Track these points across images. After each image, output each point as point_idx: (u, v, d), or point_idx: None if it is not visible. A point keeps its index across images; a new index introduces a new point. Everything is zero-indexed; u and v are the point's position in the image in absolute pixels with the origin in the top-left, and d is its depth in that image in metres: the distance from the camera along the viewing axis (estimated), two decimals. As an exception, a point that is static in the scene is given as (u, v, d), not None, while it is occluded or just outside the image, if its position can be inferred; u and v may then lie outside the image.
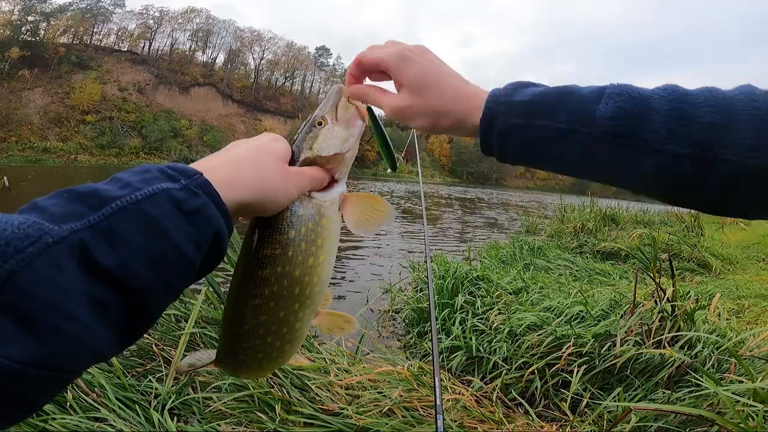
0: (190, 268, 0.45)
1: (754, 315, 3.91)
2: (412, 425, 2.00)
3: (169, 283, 0.43)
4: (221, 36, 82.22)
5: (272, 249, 0.61)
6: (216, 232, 0.47)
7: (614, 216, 10.27)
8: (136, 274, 0.39)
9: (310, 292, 0.64)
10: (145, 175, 0.45)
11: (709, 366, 2.34)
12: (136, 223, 0.40)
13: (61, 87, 60.03)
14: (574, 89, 0.59)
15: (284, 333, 0.65)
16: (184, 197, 0.45)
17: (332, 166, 0.67)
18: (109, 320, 0.38)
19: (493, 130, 0.62)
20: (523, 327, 3.04)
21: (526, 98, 0.60)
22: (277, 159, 0.61)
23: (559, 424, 2.22)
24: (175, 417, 1.98)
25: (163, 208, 0.42)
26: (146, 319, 0.42)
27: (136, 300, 0.40)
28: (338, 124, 0.69)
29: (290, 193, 0.61)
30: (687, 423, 1.86)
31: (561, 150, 0.58)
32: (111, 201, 0.40)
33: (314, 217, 0.63)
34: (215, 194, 0.48)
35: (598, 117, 0.54)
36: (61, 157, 49.23)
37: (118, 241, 0.38)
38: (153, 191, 0.43)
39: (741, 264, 7.29)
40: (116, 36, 72.60)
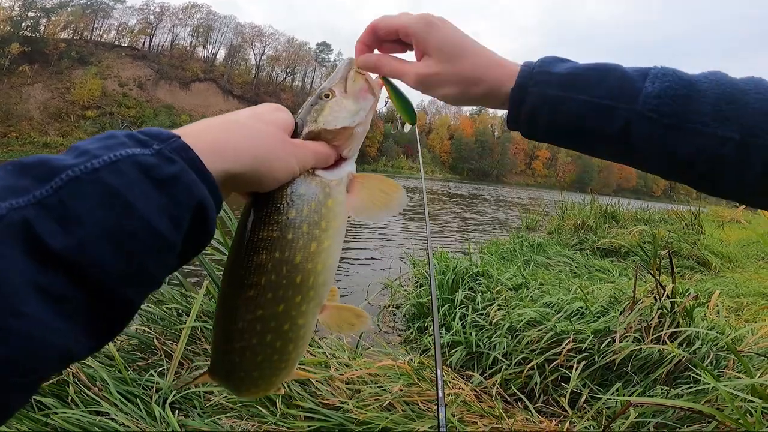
0: (168, 248, 0.38)
1: (752, 313, 3.93)
2: (413, 419, 2.01)
3: (141, 267, 0.36)
4: (222, 31, 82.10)
5: (269, 231, 0.53)
6: (198, 204, 0.40)
7: (614, 213, 10.26)
8: (96, 258, 0.32)
9: (313, 282, 0.56)
10: (108, 141, 0.38)
11: (707, 362, 2.35)
12: (93, 195, 0.33)
13: (62, 82, 59.96)
14: (616, 66, 0.57)
15: (285, 330, 0.56)
16: (154, 163, 0.37)
17: (339, 142, 0.60)
18: (68, 313, 0.32)
19: (526, 100, 0.59)
20: (522, 323, 3.05)
21: (564, 70, 0.58)
22: (276, 127, 0.53)
23: (558, 419, 2.23)
24: (176, 411, 1.99)
25: (128, 177, 0.35)
26: (120, 310, 0.36)
27: (100, 288, 0.33)
28: (347, 97, 0.63)
29: (290, 165, 0.53)
30: (685, 419, 1.87)
31: (597, 126, 0.56)
32: (62, 171, 0.33)
33: (318, 197, 0.56)
34: (196, 159, 0.41)
35: (644, 94, 0.53)
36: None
37: (70, 219, 0.32)
38: (115, 158, 0.35)
39: (740, 262, 7.30)
40: (117, 31, 72.50)
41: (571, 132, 0.59)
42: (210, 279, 2.86)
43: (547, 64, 0.59)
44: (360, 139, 0.63)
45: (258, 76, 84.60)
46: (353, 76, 0.65)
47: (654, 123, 0.53)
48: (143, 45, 74.36)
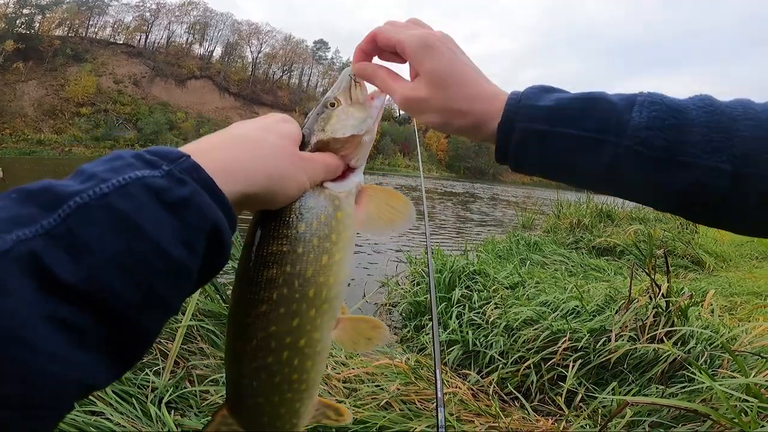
0: (184, 274, 0.36)
1: (746, 312, 3.96)
2: (410, 418, 2.02)
3: (157, 295, 0.35)
4: (219, 29, 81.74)
5: (279, 245, 0.51)
6: (213, 227, 0.38)
7: (610, 212, 10.31)
8: (109, 288, 0.31)
9: (326, 294, 0.54)
10: (114, 162, 0.36)
11: (702, 361, 2.36)
12: (103, 222, 0.32)
13: (56, 79, 59.57)
14: (601, 96, 0.55)
15: (302, 346, 0.54)
16: (165, 186, 0.36)
17: (348, 151, 0.59)
18: (84, 343, 0.31)
19: (512, 136, 0.57)
20: (519, 321, 3.06)
21: (550, 103, 0.56)
22: (286, 141, 0.52)
23: (554, 418, 2.24)
24: (172, 410, 1.98)
25: (138, 201, 0.34)
26: (137, 337, 0.35)
27: (114, 316, 0.32)
28: (353, 105, 0.62)
29: (301, 182, 0.52)
30: (679, 418, 1.88)
31: (586, 160, 0.54)
32: (69, 198, 0.32)
33: (327, 210, 0.55)
34: (208, 180, 0.39)
35: (632, 126, 0.51)
36: (55, 149, 48.92)
37: (80, 248, 0.31)
38: (123, 181, 0.34)
39: (734, 262, 7.36)
40: (112, 28, 72.03)
41: (560, 166, 0.57)
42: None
43: (533, 97, 0.57)
44: (368, 148, 0.62)
45: (254, 74, 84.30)
46: (360, 84, 0.64)
47: (643, 157, 0.51)
48: (139, 42, 73.92)
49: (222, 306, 2.82)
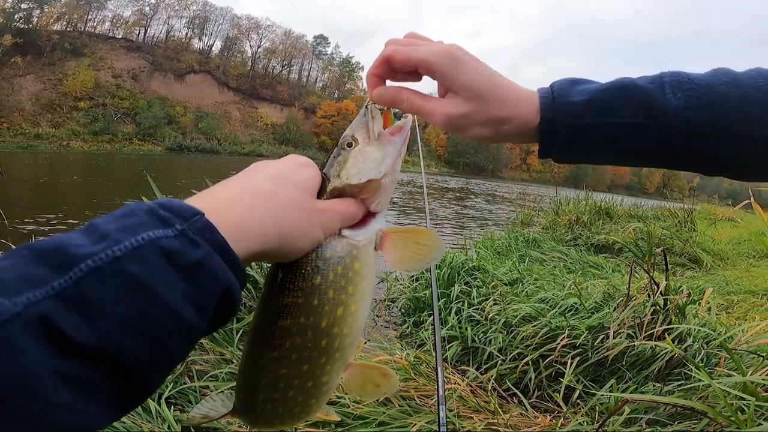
0: (193, 333, 0.37)
1: (743, 311, 3.98)
2: (409, 414, 2.03)
3: (167, 353, 0.36)
4: (218, 23, 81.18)
5: (294, 297, 0.51)
6: (224, 290, 0.39)
7: (608, 210, 10.34)
8: (120, 348, 0.32)
9: (339, 344, 0.54)
10: (128, 219, 0.36)
11: (699, 359, 2.38)
12: (116, 287, 0.32)
13: (54, 74, 59.17)
14: (631, 82, 0.58)
15: (308, 387, 0.56)
16: (178, 248, 0.36)
17: (366, 195, 0.56)
18: (94, 397, 0.32)
19: (556, 132, 0.59)
20: (518, 318, 3.08)
21: (586, 96, 0.58)
22: (302, 192, 0.50)
23: (552, 415, 2.26)
24: (171, 406, 1.99)
25: (151, 265, 0.34)
26: (146, 390, 0.36)
27: (126, 374, 0.33)
28: (371, 144, 0.58)
29: (315, 235, 0.51)
30: (676, 415, 1.90)
31: (633, 144, 0.58)
32: (81, 260, 0.32)
33: (344, 261, 0.53)
34: (221, 242, 0.39)
35: (672, 108, 0.55)
36: (53, 143, 48.70)
37: (93, 312, 0.31)
38: (137, 243, 0.34)
39: (731, 260, 7.38)
40: (111, 23, 71.42)
41: (607, 153, 0.60)
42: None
43: (566, 92, 0.59)
44: (389, 191, 0.59)
45: (254, 69, 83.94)
46: (371, 116, 0.60)
47: (690, 134, 0.55)
48: (138, 36, 73.48)
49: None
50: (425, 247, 0.56)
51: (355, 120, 0.61)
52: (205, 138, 63.71)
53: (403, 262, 0.57)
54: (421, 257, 0.56)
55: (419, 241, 0.57)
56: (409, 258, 0.56)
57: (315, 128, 79.48)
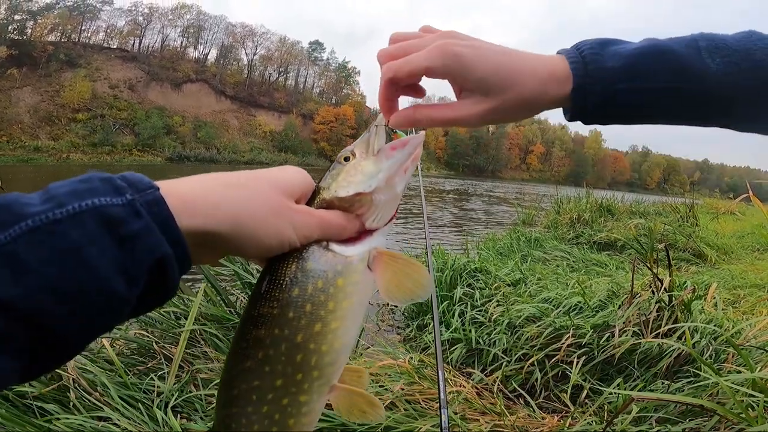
0: (121, 306, 0.37)
1: (749, 305, 3.95)
2: (414, 418, 2.02)
3: (89, 321, 0.36)
4: (213, 32, 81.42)
5: (269, 307, 0.50)
6: (157, 261, 0.38)
7: (610, 207, 10.34)
8: (43, 309, 0.33)
9: (317, 362, 0.52)
10: (80, 185, 0.37)
11: (707, 356, 2.36)
12: (49, 248, 0.33)
13: (51, 85, 59.31)
14: (668, 47, 0.58)
15: (285, 405, 0.53)
16: (121, 217, 0.36)
17: (359, 210, 0.54)
18: (6, 351, 0.32)
19: (588, 99, 0.58)
20: (521, 318, 3.07)
21: (621, 62, 0.58)
22: (276, 189, 0.49)
23: (560, 415, 2.24)
24: (178, 414, 1.99)
25: (88, 231, 0.35)
26: (58, 354, 0.36)
27: (44, 335, 0.34)
28: (368, 158, 0.56)
29: (282, 232, 0.48)
30: (686, 413, 1.88)
31: (668, 107, 0.59)
32: (23, 219, 0.33)
33: (326, 275, 0.51)
34: (165, 216, 0.39)
35: (712, 73, 0.56)
36: (53, 155, 48.83)
37: (22, 270, 0.32)
38: (79, 208, 0.35)
39: (736, 254, 7.36)
40: (105, 33, 71.56)
41: (640, 116, 0.61)
42: (207, 282, 2.85)
43: (597, 57, 0.58)
44: (386, 208, 0.55)
45: (250, 76, 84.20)
46: (375, 131, 0.57)
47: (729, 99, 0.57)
48: (133, 46, 73.71)
49: (224, 310, 2.82)
50: (415, 282, 0.53)
51: (360, 137, 0.59)
52: (204, 147, 63.80)
53: (388, 290, 0.54)
54: (406, 291, 0.53)
55: (410, 274, 0.54)
56: (394, 287, 0.54)
57: (314, 134, 79.64)
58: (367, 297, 0.55)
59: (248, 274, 3.22)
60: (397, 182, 0.56)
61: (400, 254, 0.55)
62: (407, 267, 0.54)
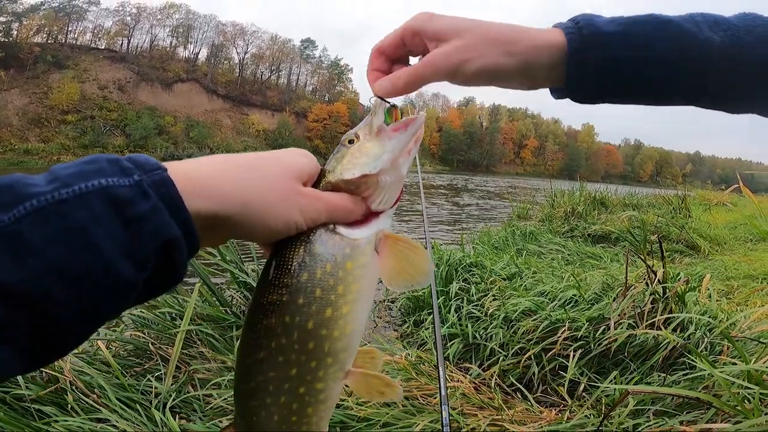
0: (128, 290, 0.36)
1: (743, 296, 3.98)
2: (413, 414, 2.02)
3: (94, 306, 0.35)
4: (203, 31, 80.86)
5: (278, 294, 0.49)
6: (165, 244, 0.37)
7: (603, 200, 10.39)
8: (46, 293, 0.31)
9: (330, 348, 0.51)
10: (86, 166, 0.36)
11: (702, 348, 2.37)
12: (54, 228, 0.32)
13: (39, 87, 58.67)
14: (665, 17, 0.57)
15: (301, 393, 0.53)
16: (129, 198, 0.35)
17: (366, 193, 0.53)
18: (11, 340, 0.31)
19: (585, 64, 0.55)
20: (518, 312, 3.07)
21: (618, 27, 0.56)
22: (285, 172, 0.48)
23: (558, 408, 2.25)
24: (176, 415, 1.98)
25: (95, 212, 0.33)
26: (63, 342, 0.35)
27: (45, 321, 0.32)
28: (371, 139, 0.55)
29: (289, 216, 0.47)
30: (683, 405, 1.89)
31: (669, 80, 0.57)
32: (27, 199, 0.32)
33: (335, 258, 0.50)
34: (173, 197, 0.38)
35: (715, 47, 0.55)
36: (43, 158, 48.38)
37: (25, 251, 0.31)
38: (86, 189, 0.34)
39: (729, 245, 7.41)
40: (92, 34, 70.88)
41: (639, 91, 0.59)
42: (202, 282, 2.83)
43: (592, 22, 0.57)
44: (391, 190, 0.55)
45: (242, 75, 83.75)
46: (377, 112, 0.57)
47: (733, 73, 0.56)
48: (121, 47, 73.00)
49: (220, 310, 2.81)
50: (416, 268, 0.53)
51: (363, 120, 0.59)
52: (197, 147, 63.40)
53: (389, 274, 0.53)
54: (408, 276, 0.53)
55: (413, 259, 0.53)
56: (396, 272, 0.53)
57: (307, 132, 79.57)
58: (376, 280, 0.54)
59: (244, 274, 3.22)
60: (402, 163, 0.56)
61: (404, 237, 0.55)
62: (410, 251, 0.53)
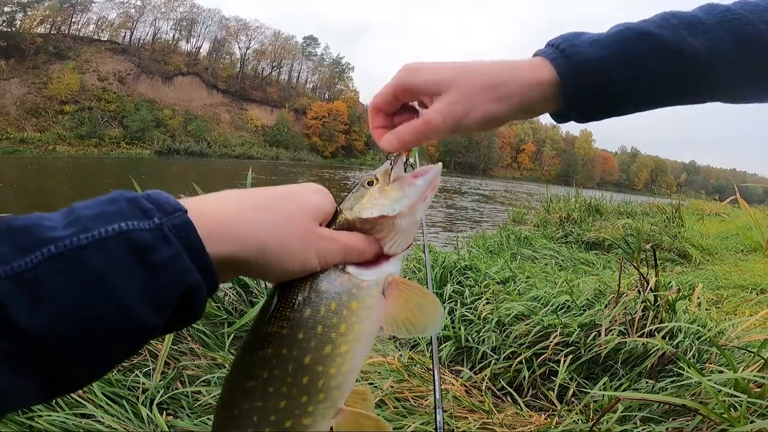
0: (146, 334, 0.36)
1: (732, 305, 4.02)
2: (404, 416, 2.02)
3: (110, 350, 0.35)
4: (206, 25, 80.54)
5: (279, 326, 0.49)
6: (187, 290, 0.37)
7: (598, 207, 10.44)
8: (63, 338, 0.31)
9: (324, 385, 0.50)
10: (107, 206, 0.36)
11: (690, 356, 2.39)
12: (72, 276, 0.32)
13: (38, 77, 58.28)
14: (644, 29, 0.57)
15: (287, 427, 0.51)
16: (149, 243, 0.35)
17: (380, 234, 0.54)
18: (25, 374, 0.31)
19: (583, 93, 0.56)
20: (510, 317, 3.08)
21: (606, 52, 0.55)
22: (303, 212, 0.48)
23: (547, 413, 2.26)
24: (163, 412, 1.97)
25: (115, 258, 0.33)
26: (79, 382, 0.36)
27: (62, 363, 0.32)
28: (391, 184, 0.56)
29: (306, 260, 0.47)
30: (670, 412, 1.91)
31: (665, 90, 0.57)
32: (46, 244, 0.32)
33: (341, 297, 0.50)
34: (194, 241, 0.38)
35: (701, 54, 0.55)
36: (39, 147, 48.08)
37: (43, 298, 0.31)
38: (106, 234, 0.33)
39: (720, 255, 7.46)
40: (96, 25, 70.54)
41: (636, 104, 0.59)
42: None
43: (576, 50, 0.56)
44: (405, 235, 0.55)
45: (243, 70, 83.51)
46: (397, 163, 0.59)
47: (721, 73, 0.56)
48: (124, 39, 72.67)
49: (212, 305, 2.80)
50: (426, 315, 0.52)
51: (381, 167, 0.60)
52: (194, 141, 63.18)
53: (393, 319, 0.53)
54: (414, 323, 0.53)
55: (422, 306, 0.53)
56: (404, 318, 0.53)
57: (306, 129, 79.35)
58: (379, 322, 0.53)
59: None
60: (418, 209, 0.57)
61: (414, 283, 0.54)
62: (420, 298, 0.53)
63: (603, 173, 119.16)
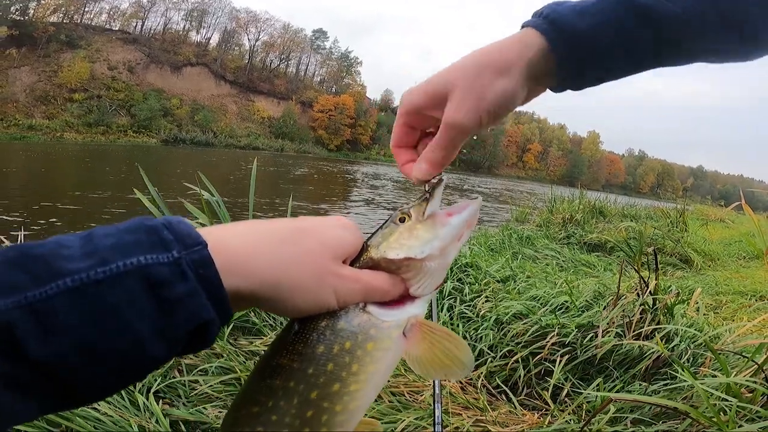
0: (155, 364, 0.36)
1: (731, 311, 4.01)
2: (399, 410, 2.04)
3: (119, 379, 0.35)
4: (216, 16, 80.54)
5: (289, 359, 0.47)
6: (201, 326, 0.37)
7: (602, 209, 10.39)
8: (73, 368, 0.32)
9: (328, 420, 0.48)
10: (126, 236, 0.36)
11: (685, 359, 2.39)
12: (88, 310, 0.32)
13: (49, 65, 58.52)
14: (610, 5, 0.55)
15: None
16: (166, 278, 0.35)
17: (407, 275, 0.51)
18: (31, 398, 0.32)
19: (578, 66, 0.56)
20: (509, 315, 3.09)
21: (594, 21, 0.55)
22: (324, 250, 0.46)
23: (540, 412, 2.27)
24: (160, 400, 1.98)
25: (131, 293, 0.33)
26: (85, 403, 0.36)
27: (70, 391, 0.33)
28: (423, 222, 0.53)
29: (320, 297, 0.45)
30: (661, 415, 1.91)
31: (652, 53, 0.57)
32: (61, 276, 0.32)
33: (357, 337, 0.48)
34: (213, 278, 0.37)
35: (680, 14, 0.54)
36: (47, 134, 48.33)
37: (55, 329, 0.31)
38: (123, 267, 0.33)
39: (722, 261, 7.43)
40: (108, 15, 70.71)
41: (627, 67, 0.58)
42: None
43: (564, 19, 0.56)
44: (434, 277, 0.52)
45: (251, 62, 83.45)
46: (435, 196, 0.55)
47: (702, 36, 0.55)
48: (135, 29, 72.77)
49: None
50: (455, 359, 0.50)
51: (417, 198, 0.57)
52: (200, 131, 63.33)
53: (420, 362, 0.50)
54: (441, 366, 0.50)
55: (449, 350, 0.50)
56: (428, 361, 0.50)
57: (312, 122, 79.33)
58: (395, 363, 0.52)
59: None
60: (450, 251, 0.54)
61: (439, 326, 0.52)
62: (447, 341, 0.50)
63: (609, 175, 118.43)
